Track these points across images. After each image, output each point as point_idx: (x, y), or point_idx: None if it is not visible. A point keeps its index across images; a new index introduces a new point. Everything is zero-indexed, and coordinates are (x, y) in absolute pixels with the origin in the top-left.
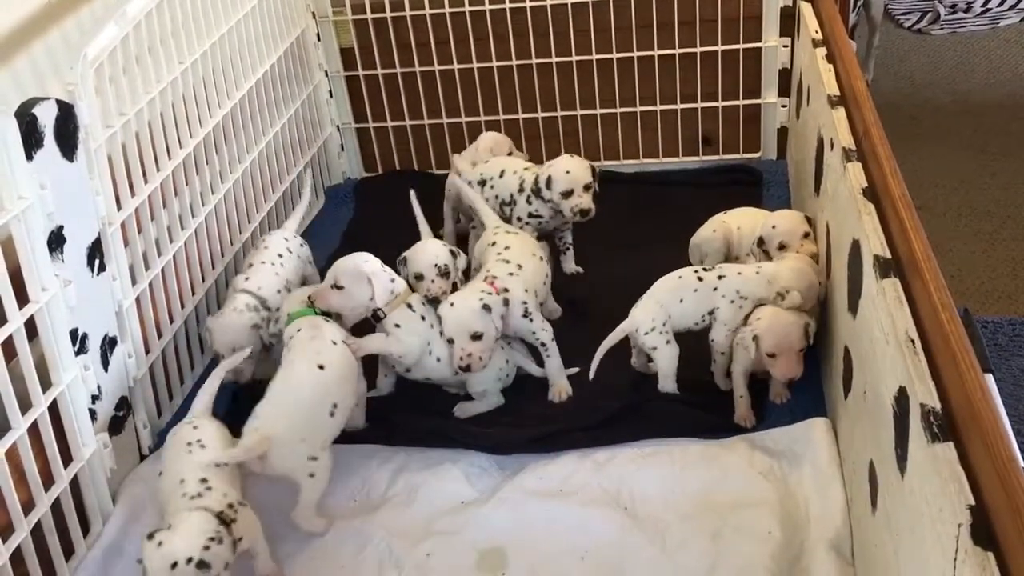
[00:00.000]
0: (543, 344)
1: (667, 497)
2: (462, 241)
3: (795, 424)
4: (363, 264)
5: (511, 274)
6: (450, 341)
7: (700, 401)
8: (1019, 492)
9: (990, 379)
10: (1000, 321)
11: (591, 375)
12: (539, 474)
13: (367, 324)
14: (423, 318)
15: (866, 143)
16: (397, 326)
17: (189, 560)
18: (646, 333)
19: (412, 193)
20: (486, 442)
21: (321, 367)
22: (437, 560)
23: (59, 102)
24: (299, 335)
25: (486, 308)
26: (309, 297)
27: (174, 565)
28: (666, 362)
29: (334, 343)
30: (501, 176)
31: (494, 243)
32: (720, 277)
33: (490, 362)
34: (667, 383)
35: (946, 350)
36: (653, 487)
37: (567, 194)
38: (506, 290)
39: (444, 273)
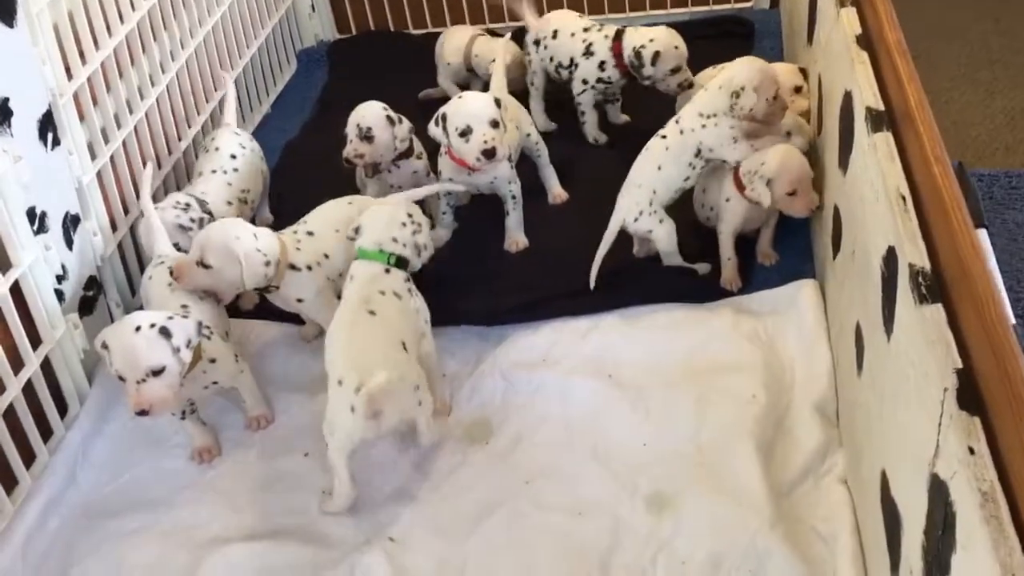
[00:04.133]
0: (514, 197)
1: (651, 363)
2: None
3: (782, 286)
4: (233, 242)
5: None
6: (464, 133)
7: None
8: (1009, 355)
9: (983, 235)
10: (996, 174)
11: (591, 283)
12: (521, 345)
13: None
14: (309, 268)
15: None
16: (300, 300)
17: (152, 325)
18: (636, 219)
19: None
20: (471, 317)
21: (372, 312)
22: None
23: None
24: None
25: (496, 102)
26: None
27: (137, 329)
28: (665, 240)
29: (381, 293)
30: (555, 37)
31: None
32: (678, 121)
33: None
34: (671, 259)
35: (938, 206)
36: (637, 353)
37: (676, 70)
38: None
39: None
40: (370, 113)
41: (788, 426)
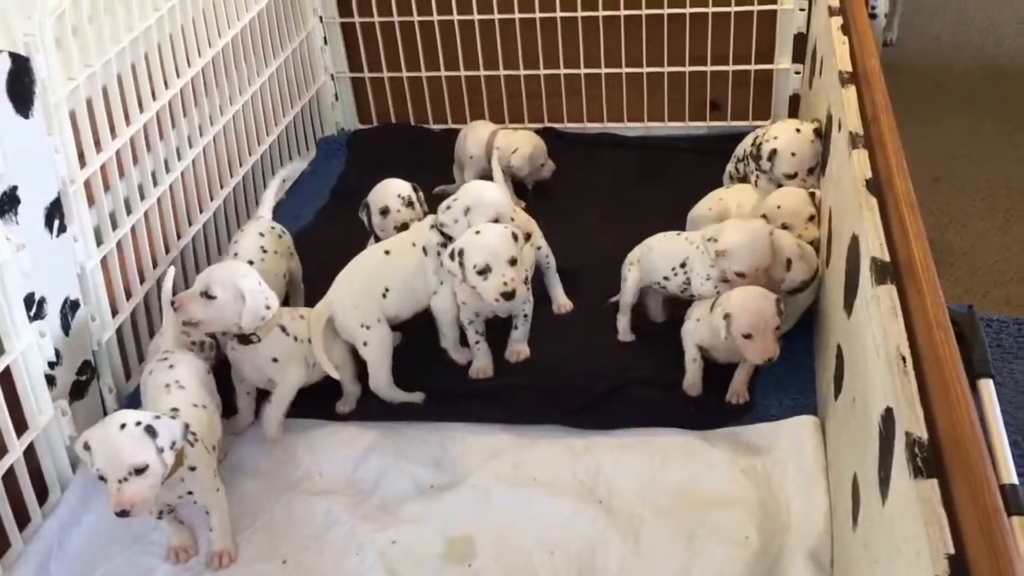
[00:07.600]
0: (526, 315)
1: (644, 491)
2: None
3: (782, 420)
4: (241, 278)
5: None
6: (483, 272)
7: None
8: (1003, 550)
9: (989, 385)
10: (1006, 320)
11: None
12: (512, 459)
13: None
14: (296, 338)
15: (875, 129)
16: (275, 360)
17: (138, 423)
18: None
19: None
20: (465, 418)
21: (387, 252)
22: (402, 548)
23: (12, 55)
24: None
25: (514, 236)
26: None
27: (122, 426)
28: (628, 285)
29: (413, 245)
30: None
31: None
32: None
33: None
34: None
35: (937, 374)
36: (630, 480)
37: (790, 176)
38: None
39: (408, 203)
40: (404, 186)
41: (781, 571)
